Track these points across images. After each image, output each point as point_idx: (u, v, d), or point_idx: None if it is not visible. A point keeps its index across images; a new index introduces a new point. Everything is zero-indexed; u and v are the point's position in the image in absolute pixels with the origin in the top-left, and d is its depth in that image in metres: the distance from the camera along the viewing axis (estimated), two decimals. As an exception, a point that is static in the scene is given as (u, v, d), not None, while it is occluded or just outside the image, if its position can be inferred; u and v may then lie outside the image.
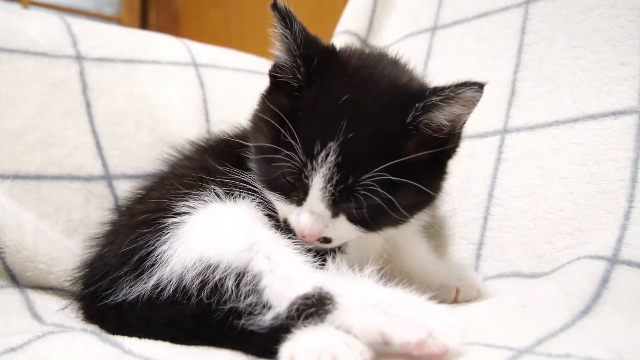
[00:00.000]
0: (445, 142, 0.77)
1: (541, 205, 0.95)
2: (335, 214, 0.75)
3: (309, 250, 0.74)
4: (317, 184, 0.72)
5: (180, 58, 1.29)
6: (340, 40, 1.41)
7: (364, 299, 0.63)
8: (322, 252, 0.79)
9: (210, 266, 0.71)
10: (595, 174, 0.91)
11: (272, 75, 0.83)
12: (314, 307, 0.63)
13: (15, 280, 0.90)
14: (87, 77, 1.12)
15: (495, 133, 1.07)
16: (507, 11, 1.16)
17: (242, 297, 0.67)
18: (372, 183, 0.70)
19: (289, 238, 0.75)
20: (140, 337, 0.73)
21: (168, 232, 0.77)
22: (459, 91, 0.71)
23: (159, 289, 0.74)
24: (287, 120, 0.73)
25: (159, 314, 0.74)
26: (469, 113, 0.75)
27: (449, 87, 0.71)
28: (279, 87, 0.81)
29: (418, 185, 0.73)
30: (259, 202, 0.81)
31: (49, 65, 1.08)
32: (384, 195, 0.71)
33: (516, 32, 1.13)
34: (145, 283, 0.76)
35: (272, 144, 0.75)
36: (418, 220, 0.93)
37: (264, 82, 0.86)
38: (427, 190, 0.76)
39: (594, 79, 0.97)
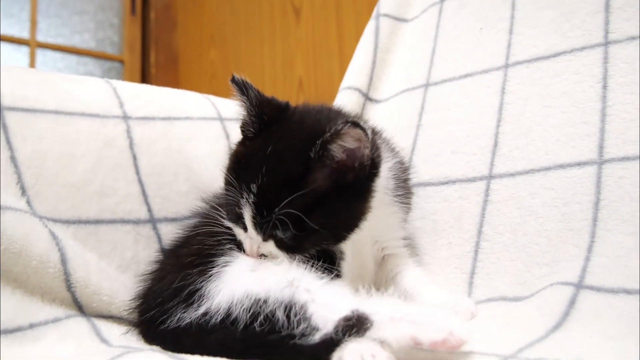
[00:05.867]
0: (356, 171, 0.87)
1: (521, 241, 1.05)
2: (265, 239, 0.90)
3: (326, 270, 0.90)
4: (247, 217, 0.89)
5: (208, 113, 1.40)
6: (344, 95, 1.52)
7: (393, 314, 0.78)
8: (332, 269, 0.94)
9: (259, 300, 0.85)
10: (565, 214, 1.00)
11: (241, 129, 0.97)
12: (355, 327, 0.78)
13: (82, 310, 1.02)
14: (133, 134, 1.23)
15: (482, 178, 1.17)
16: (489, 73, 1.26)
17: (295, 325, 0.81)
18: (282, 217, 0.84)
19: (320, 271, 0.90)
20: (201, 354, 0.85)
21: (212, 276, 0.91)
22: (340, 128, 0.81)
23: (207, 316, 0.88)
24: (234, 164, 0.92)
25: (212, 337, 0.86)
26: (365, 147, 0.85)
27: (337, 125, 0.81)
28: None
29: (333, 210, 0.87)
30: None
31: (101, 125, 1.19)
32: (296, 225, 0.85)
33: (497, 91, 1.22)
34: (195, 311, 0.89)
35: (226, 184, 0.92)
36: (398, 234, 1.09)
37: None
38: (349, 211, 0.90)
39: (562, 134, 1.07)
